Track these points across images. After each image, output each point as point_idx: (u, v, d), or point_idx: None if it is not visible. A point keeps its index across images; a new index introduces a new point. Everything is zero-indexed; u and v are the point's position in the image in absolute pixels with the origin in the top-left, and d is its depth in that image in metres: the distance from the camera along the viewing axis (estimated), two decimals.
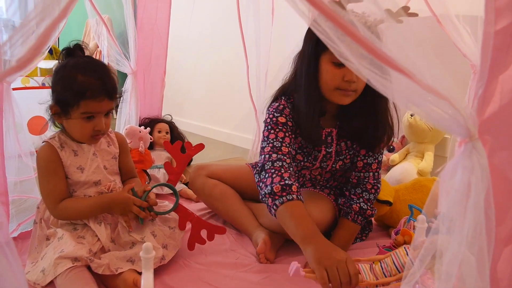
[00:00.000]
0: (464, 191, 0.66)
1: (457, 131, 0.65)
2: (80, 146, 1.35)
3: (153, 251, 0.89)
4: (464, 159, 0.65)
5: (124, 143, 1.50)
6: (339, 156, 1.50)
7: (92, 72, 1.26)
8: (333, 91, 1.32)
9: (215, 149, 3.08)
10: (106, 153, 1.42)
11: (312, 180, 1.58)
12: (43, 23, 0.56)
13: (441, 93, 0.62)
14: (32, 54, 0.55)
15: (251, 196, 1.69)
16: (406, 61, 0.60)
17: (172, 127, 2.34)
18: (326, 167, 1.52)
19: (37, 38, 0.55)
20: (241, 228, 1.63)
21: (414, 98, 0.63)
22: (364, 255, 1.46)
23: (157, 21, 2.30)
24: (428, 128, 1.99)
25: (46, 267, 1.19)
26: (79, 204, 1.32)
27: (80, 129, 1.30)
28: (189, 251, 1.47)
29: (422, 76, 0.61)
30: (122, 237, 1.34)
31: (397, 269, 1.04)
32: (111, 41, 2.19)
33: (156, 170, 2.09)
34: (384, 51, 0.58)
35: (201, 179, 1.72)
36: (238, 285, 1.28)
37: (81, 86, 1.23)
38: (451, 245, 0.68)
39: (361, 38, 0.56)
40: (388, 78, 0.62)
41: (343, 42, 0.61)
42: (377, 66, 0.62)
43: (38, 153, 1.34)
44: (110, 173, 1.41)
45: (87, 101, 1.24)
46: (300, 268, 1.06)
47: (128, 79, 2.31)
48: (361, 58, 0.61)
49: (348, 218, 1.48)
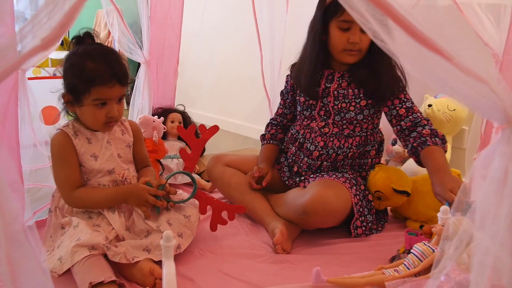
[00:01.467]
0: (500, 179, 0.63)
1: (495, 116, 0.62)
2: (94, 134, 1.35)
3: (173, 239, 0.88)
4: (502, 145, 0.62)
5: (138, 132, 1.49)
6: (344, 99, 1.58)
7: (101, 58, 1.25)
8: (341, 52, 1.53)
9: (226, 140, 3.07)
10: (120, 141, 1.41)
11: (323, 135, 1.60)
12: (68, 2, 0.54)
13: (481, 76, 0.59)
14: (58, 33, 0.54)
15: (269, 186, 1.67)
16: (445, 43, 0.57)
17: (185, 117, 2.32)
18: (328, 105, 1.59)
19: (62, 16, 0.53)
20: (257, 218, 1.62)
21: (451, 81, 0.61)
22: (380, 248, 1.45)
23: (170, 10, 2.27)
24: (446, 119, 1.95)
25: (63, 255, 1.18)
26: (94, 194, 1.32)
27: (93, 117, 1.29)
28: (205, 241, 1.47)
29: (461, 58, 0.58)
30: (137, 225, 1.33)
31: (419, 260, 1.02)
32: (125, 29, 2.17)
33: (169, 160, 2.08)
34: (422, 31, 0.55)
35: (219, 168, 1.73)
36: (254, 276, 1.27)
37: (91, 73, 1.22)
38: (485, 235, 0.66)
39: (399, 17, 0.53)
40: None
41: (375, 19, 0.59)
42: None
43: (52, 140, 1.33)
44: (124, 161, 1.41)
45: (98, 87, 1.23)
46: (321, 273, 1.05)
47: (141, 68, 2.29)
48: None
49: (426, 145, 1.45)
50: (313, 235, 1.52)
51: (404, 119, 1.54)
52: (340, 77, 1.60)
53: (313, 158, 1.62)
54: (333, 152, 1.60)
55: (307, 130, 1.65)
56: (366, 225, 1.51)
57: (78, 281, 1.15)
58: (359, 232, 1.50)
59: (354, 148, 1.60)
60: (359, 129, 1.60)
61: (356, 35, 1.48)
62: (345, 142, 1.60)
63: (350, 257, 1.40)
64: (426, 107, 2.00)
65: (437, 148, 1.44)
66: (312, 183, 1.53)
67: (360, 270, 1.19)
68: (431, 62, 0.60)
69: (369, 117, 1.60)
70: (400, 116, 1.55)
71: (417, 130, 1.50)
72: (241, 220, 1.66)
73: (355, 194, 1.49)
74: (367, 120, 1.59)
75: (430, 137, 1.47)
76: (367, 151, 1.63)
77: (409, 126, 1.53)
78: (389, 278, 1.02)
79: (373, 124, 1.63)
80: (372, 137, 1.64)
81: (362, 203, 1.51)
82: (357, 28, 1.48)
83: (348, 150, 1.60)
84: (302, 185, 1.61)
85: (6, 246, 0.60)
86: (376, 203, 1.56)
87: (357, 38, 1.48)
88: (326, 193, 1.41)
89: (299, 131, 1.68)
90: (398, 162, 2.12)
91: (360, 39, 1.49)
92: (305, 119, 1.67)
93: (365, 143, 1.62)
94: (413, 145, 1.49)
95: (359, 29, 1.48)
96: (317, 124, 1.62)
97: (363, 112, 1.58)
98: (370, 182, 1.58)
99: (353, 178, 1.55)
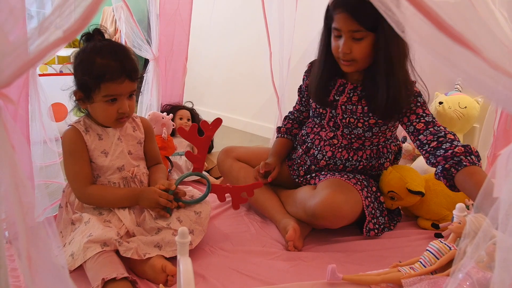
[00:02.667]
0: None
1: None
2: (105, 130, 1.35)
3: (188, 236, 0.87)
4: None
5: (150, 129, 1.49)
6: (352, 115, 1.49)
7: (110, 55, 1.25)
8: (337, 59, 1.45)
9: (234, 137, 3.06)
10: (131, 138, 1.41)
11: (331, 145, 1.56)
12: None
13: (508, 70, 0.58)
14: (80, 25, 0.53)
15: (279, 182, 1.67)
16: (473, 37, 0.56)
17: (193, 114, 2.31)
18: (337, 117, 1.51)
19: (85, 8, 0.52)
20: (268, 214, 1.60)
21: (476, 75, 0.60)
22: (392, 246, 1.44)
23: (179, 6, 2.27)
24: (457, 116, 1.93)
25: (75, 251, 1.18)
26: (108, 193, 1.33)
27: (104, 113, 1.29)
28: (215, 238, 1.46)
29: (488, 53, 0.57)
30: (148, 223, 1.33)
31: (436, 258, 1.01)
32: (134, 26, 2.16)
33: (178, 157, 2.08)
34: (451, 24, 0.54)
35: (229, 162, 1.72)
36: (266, 273, 1.26)
37: (100, 69, 1.22)
38: (508, 232, 0.65)
39: (428, 10, 0.52)
40: None
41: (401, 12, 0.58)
42: None
43: (63, 136, 1.33)
44: (134, 158, 1.41)
45: (107, 83, 1.23)
46: (336, 270, 1.04)
47: (149, 64, 2.29)
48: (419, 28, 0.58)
49: (464, 165, 1.24)
50: (324, 233, 1.51)
51: (423, 133, 1.39)
52: (352, 90, 1.50)
53: (320, 166, 1.58)
54: (340, 164, 1.55)
55: (317, 137, 1.60)
56: (378, 227, 1.49)
57: (90, 277, 1.14)
58: (371, 234, 1.48)
59: (365, 161, 1.55)
60: (369, 143, 1.54)
61: (345, 44, 1.36)
62: (354, 155, 1.55)
63: (362, 255, 1.39)
64: (437, 104, 1.98)
65: (477, 169, 1.24)
66: (322, 183, 1.49)
67: (372, 268, 1.18)
68: (456, 55, 0.59)
69: (380, 133, 1.52)
70: (418, 131, 1.40)
71: (444, 147, 1.31)
72: (251, 217, 1.66)
73: (366, 196, 1.45)
74: (377, 136, 1.52)
75: (465, 155, 1.26)
76: (381, 164, 1.58)
77: (430, 140, 1.36)
78: (405, 275, 1.01)
79: (385, 137, 1.56)
80: (385, 149, 1.58)
81: (374, 205, 1.48)
82: (347, 36, 1.36)
83: (358, 163, 1.55)
84: (313, 181, 1.59)
85: (26, 240, 0.59)
86: (389, 203, 1.55)
87: (346, 48, 1.37)
88: (336, 198, 1.37)
89: (309, 134, 1.63)
90: (408, 160, 2.11)
91: (351, 49, 1.37)
92: (316, 126, 1.62)
93: (377, 156, 1.56)
94: (444, 167, 1.29)
95: (350, 38, 1.36)
96: (326, 134, 1.57)
97: (372, 129, 1.50)
98: (383, 182, 1.55)
99: (364, 179, 1.51)
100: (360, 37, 1.35)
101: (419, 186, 1.50)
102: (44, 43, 0.55)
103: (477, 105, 1.96)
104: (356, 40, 1.36)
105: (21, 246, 0.61)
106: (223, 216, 1.68)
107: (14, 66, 0.50)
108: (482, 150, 1.88)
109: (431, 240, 1.09)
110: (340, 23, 1.36)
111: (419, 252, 1.14)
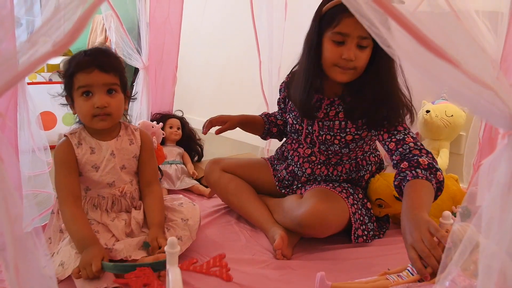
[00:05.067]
0: (506, 184, 0.64)
1: (501, 122, 0.63)
2: (98, 144, 1.33)
3: (178, 246, 0.88)
4: (508, 151, 0.63)
5: (149, 142, 1.44)
6: (329, 131, 1.49)
7: (84, 52, 1.27)
8: (332, 67, 1.38)
9: (223, 145, 3.06)
10: (126, 152, 1.37)
11: (310, 162, 1.57)
12: (81, 7, 0.54)
13: (487, 83, 0.60)
14: (70, 39, 0.54)
15: (267, 191, 1.69)
16: (453, 50, 0.58)
17: (183, 122, 2.32)
18: (313, 133, 1.52)
19: (75, 22, 0.53)
20: (257, 224, 1.61)
21: (457, 88, 0.61)
22: (381, 254, 1.45)
23: (169, 15, 2.28)
24: (443, 125, 1.96)
25: (65, 260, 1.18)
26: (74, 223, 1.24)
27: (80, 109, 1.27)
28: (205, 247, 1.46)
29: (467, 65, 0.59)
30: (136, 233, 1.34)
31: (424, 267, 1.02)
32: (124, 34, 2.17)
33: (168, 165, 2.08)
34: (431, 38, 0.56)
35: (216, 173, 1.71)
36: (256, 282, 1.26)
37: (71, 63, 1.26)
38: (491, 240, 0.66)
39: (407, 23, 0.54)
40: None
41: (384, 26, 0.60)
42: None
43: (56, 148, 1.33)
44: (128, 172, 1.38)
45: (78, 74, 1.24)
46: (325, 278, 1.05)
47: (139, 73, 2.29)
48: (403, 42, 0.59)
49: (406, 181, 1.24)
50: (313, 241, 1.52)
51: (394, 153, 1.37)
52: (328, 105, 1.49)
53: (301, 182, 1.61)
54: (321, 180, 1.57)
55: (296, 153, 1.62)
56: (367, 233, 1.50)
57: (79, 287, 1.14)
58: (360, 241, 1.49)
59: (344, 175, 1.56)
60: (347, 158, 1.55)
61: (351, 50, 1.32)
62: (333, 170, 1.56)
63: (351, 263, 1.40)
64: (424, 113, 2.01)
65: (425, 184, 1.22)
66: (308, 192, 1.50)
67: (361, 276, 1.19)
68: (437, 67, 0.61)
69: (357, 148, 1.53)
70: (391, 151, 1.38)
71: (401, 166, 1.30)
72: (241, 226, 1.66)
73: (352, 204, 1.46)
74: (354, 151, 1.54)
75: (411, 170, 1.25)
76: (361, 176, 1.58)
77: (398, 161, 1.34)
78: (392, 283, 1.02)
79: (363, 151, 1.56)
80: (364, 161, 1.59)
81: (362, 212, 1.50)
82: (353, 43, 1.32)
83: (338, 177, 1.56)
84: (299, 191, 1.61)
85: (14, 251, 0.59)
86: (377, 210, 1.56)
87: (351, 54, 1.32)
88: (321, 207, 1.38)
89: (289, 151, 1.65)
90: None
91: (356, 56, 1.33)
92: (294, 141, 1.64)
93: (357, 169, 1.58)
94: (395, 185, 1.30)
95: (356, 45, 1.33)
96: (303, 151, 1.59)
97: (349, 146, 1.50)
98: (370, 190, 1.57)
99: (350, 187, 1.53)
100: (366, 44, 1.33)
101: None
102: (33, 56, 0.55)
103: (463, 113, 1.99)
104: (361, 47, 1.34)
105: (9, 257, 0.61)
106: (213, 224, 1.68)
107: (3, 79, 0.50)
108: (468, 158, 1.91)
109: None
110: (350, 28, 1.30)
111: (408, 260, 1.15)
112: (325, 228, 1.41)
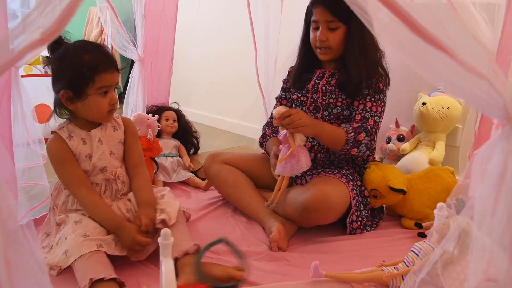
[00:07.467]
0: (499, 174, 0.64)
1: (495, 112, 0.62)
2: (88, 134, 1.36)
3: (171, 237, 0.87)
4: (502, 141, 0.62)
5: (131, 128, 1.48)
6: (331, 95, 1.62)
7: (94, 50, 1.30)
8: (315, 49, 1.64)
9: (220, 138, 3.06)
10: (112, 138, 1.41)
11: (309, 149, 1.61)
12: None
13: (481, 72, 0.59)
14: (58, 27, 0.53)
15: (265, 185, 1.71)
16: (447, 39, 0.57)
17: (179, 115, 2.31)
18: (317, 100, 1.64)
19: (62, 10, 0.52)
20: (253, 216, 1.62)
21: (453, 78, 0.61)
22: (375, 245, 1.46)
23: (164, 7, 2.26)
24: (440, 117, 1.96)
25: (69, 248, 1.19)
26: (94, 207, 1.31)
27: (97, 106, 1.31)
28: (201, 238, 1.45)
29: (463, 55, 0.58)
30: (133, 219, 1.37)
31: (419, 258, 1.03)
32: (119, 26, 2.15)
33: (163, 158, 2.07)
34: (425, 26, 0.55)
35: (216, 166, 1.73)
36: (251, 273, 1.26)
37: (92, 62, 1.26)
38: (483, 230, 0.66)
39: (402, 12, 0.53)
40: None
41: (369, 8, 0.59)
42: None
43: (48, 146, 1.35)
44: (117, 158, 1.42)
45: (101, 74, 1.27)
46: (319, 267, 1.05)
47: (135, 66, 2.28)
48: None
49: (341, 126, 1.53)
50: (308, 233, 1.52)
51: (354, 122, 1.56)
52: (330, 75, 1.66)
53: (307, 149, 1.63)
54: (323, 163, 1.63)
55: None
56: (361, 220, 1.53)
57: (78, 277, 1.15)
58: (354, 226, 1.51)
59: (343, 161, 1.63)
60: None
61: (323, 33, 1.57)
62: (333, 152, 1.61)
63: (346, 255, 1.41)
64: (420, 105, 2.01)
65: (338, 129, 1.52)
66: (311, 181, 1.54)
67: (355, 267, 1.19)
68: (431, 57, 0.60)
69: None
70: (354, 120, 1.57)
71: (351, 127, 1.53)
72: (237, 218, 1.66)
73: (352, 189, 1.51)
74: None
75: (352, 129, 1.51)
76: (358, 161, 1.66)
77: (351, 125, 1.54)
78: (387, 275, 1.02)
79: None
80: None
81: (359, 198, 1.53)
82: (324, 26, 1.56)
83: (338, 160, 1.63)
84: (300, 182, 1.62)
85: (3, 245, 0.59)
86: (372, 201, 1.57)
87: (323, 35, 1.57)
88: (327, 189, 1.43)
89: None
90: (393, 160, 2.13)
91: (327, 37, 1.57)
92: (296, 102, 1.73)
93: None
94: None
95: (326, 28, 1.56)
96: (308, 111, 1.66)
97: (350, 108, 1.61)
98: (366, 180, 1.58)
99: (349, 173, 1.57)
100: (334, 27, 1.56)
101: (401, 184, 1.52)
102: (20, 45, 0.55)
103: (459, 105, 1.98)
104: (331, 30, 1.56)
105: None
106: (209, 217, 1.68)
107: None
108: (464, 151, 1.91)
109: (415, 240, 1.11)
110: (318, 15, 1.58)
111: (403, 252, 1.15)
112: (330, 211, 1.45)
